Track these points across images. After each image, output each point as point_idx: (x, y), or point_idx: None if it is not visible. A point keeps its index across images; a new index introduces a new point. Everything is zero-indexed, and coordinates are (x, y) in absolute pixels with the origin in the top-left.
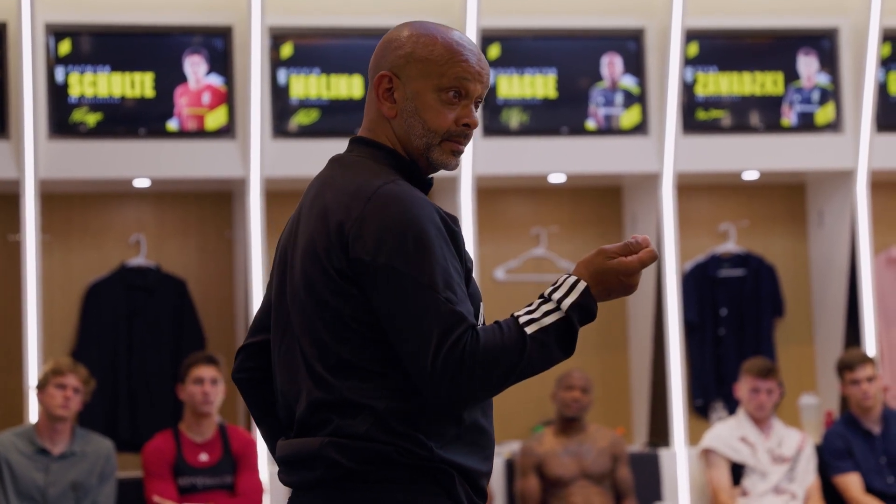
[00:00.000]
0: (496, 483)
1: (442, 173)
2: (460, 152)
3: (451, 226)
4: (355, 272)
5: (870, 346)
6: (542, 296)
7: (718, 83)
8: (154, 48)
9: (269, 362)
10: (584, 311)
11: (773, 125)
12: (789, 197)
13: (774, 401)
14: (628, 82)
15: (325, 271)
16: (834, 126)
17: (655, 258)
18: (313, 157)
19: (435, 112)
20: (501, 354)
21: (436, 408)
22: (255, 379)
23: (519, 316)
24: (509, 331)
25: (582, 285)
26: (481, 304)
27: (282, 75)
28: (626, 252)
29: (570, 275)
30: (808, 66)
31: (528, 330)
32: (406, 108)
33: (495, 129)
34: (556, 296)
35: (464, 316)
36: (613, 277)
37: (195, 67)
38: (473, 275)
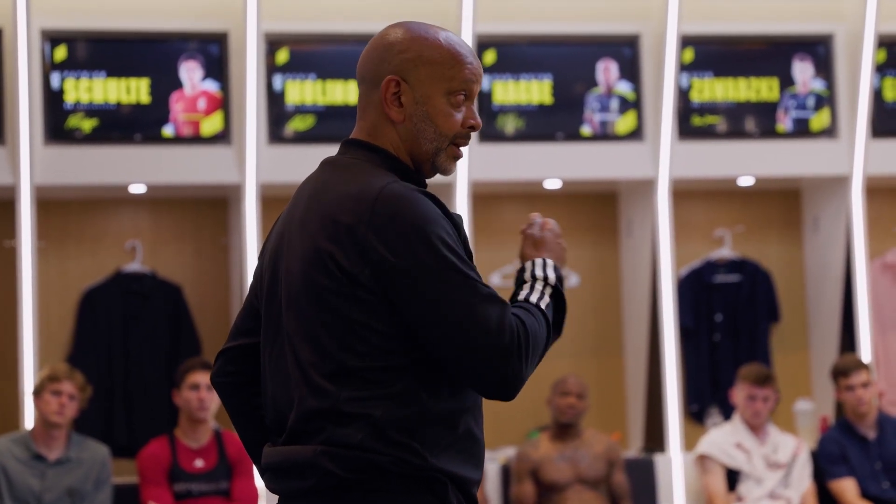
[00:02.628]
0: (492, 488)
1: (437, 178)
2: (461, 156)
3: (453, 220)
4: (377, 276)
5: (865, 352)
6: (523, 279)
7: (714, 89)
8: (150, 54)
9: (250, 367)
10: (559, 280)
11: (768, 131)
12: (784, 203)
13: (770, 407)
14: (624, 88)
15: (334, 276)
16: (829, 132)
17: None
18: (309, 162)
19: (445, 116)
20: (538, 331)
21: (494, 392)
22: (236, 383)
23: (527, 297)
24: (530, 310)
25: (549, 261)
26: None
27: (277, 81)
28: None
29: (529, 259)
30: (803, 72)
31: (542, 306)
32: (415, 112)
33: (491, 134)
34: (539, 274)
35: (501, 297)
36: (555, 244)
37: (191, 73)
38: None
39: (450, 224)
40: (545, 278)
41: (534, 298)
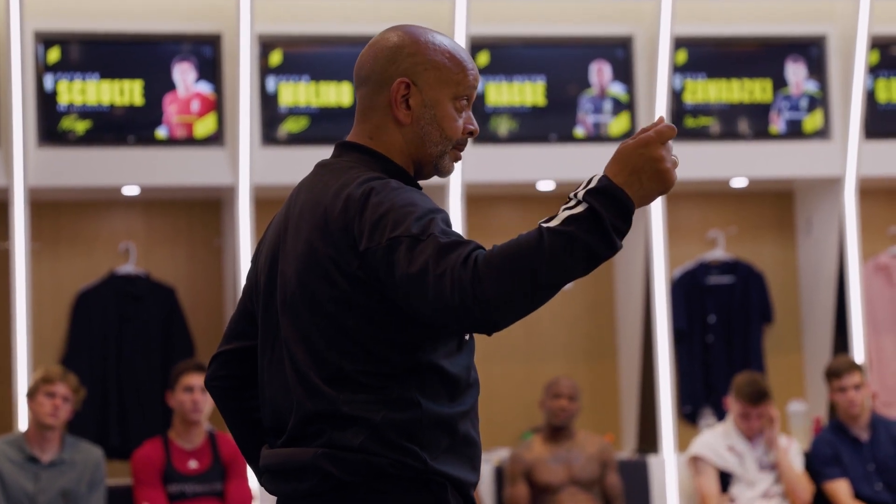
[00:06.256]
0: (486, 490)
1: (431, 180)
2: (459, 159)
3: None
4: (368, 268)
5: (858, 354)
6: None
7: (707, 90)
8: (143, 56)
9: (244, 370)
10: (605, 195)
11: (761, 132)
12: (778, 204)
13: (765, 423)
14: (617, 90)
15: (331, 280)
16: (822, 133)
17: (672, 129)
18: (302, 164)
19: (451, 120)
20: (518, 251)
21: (486, 330)
22: (231, 387)
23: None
24: (527, 233)
25: (598, 175)
26: None
27: (271, 83)
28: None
29: None
30: (796, 73)
31: (545, 225)
32: (423, 115)
33: (484, 136)
34: (573, 193)
35: (469, 241)
36: (634, 156)
37: (184, 75)
38: None
39: (426, 198)
40: (574, 196)
41: (542, 223)
